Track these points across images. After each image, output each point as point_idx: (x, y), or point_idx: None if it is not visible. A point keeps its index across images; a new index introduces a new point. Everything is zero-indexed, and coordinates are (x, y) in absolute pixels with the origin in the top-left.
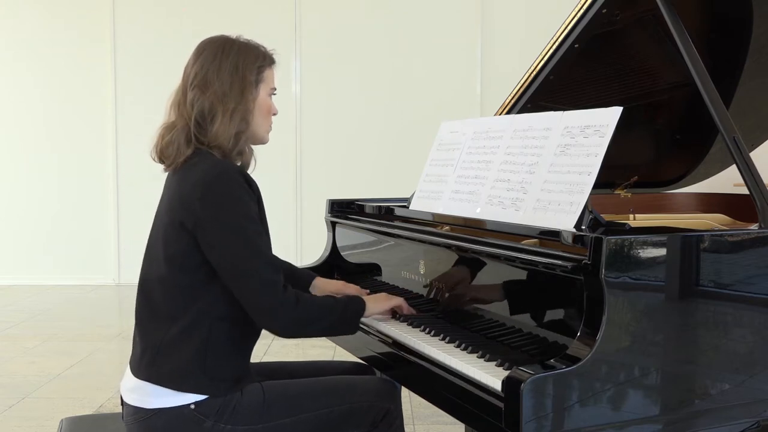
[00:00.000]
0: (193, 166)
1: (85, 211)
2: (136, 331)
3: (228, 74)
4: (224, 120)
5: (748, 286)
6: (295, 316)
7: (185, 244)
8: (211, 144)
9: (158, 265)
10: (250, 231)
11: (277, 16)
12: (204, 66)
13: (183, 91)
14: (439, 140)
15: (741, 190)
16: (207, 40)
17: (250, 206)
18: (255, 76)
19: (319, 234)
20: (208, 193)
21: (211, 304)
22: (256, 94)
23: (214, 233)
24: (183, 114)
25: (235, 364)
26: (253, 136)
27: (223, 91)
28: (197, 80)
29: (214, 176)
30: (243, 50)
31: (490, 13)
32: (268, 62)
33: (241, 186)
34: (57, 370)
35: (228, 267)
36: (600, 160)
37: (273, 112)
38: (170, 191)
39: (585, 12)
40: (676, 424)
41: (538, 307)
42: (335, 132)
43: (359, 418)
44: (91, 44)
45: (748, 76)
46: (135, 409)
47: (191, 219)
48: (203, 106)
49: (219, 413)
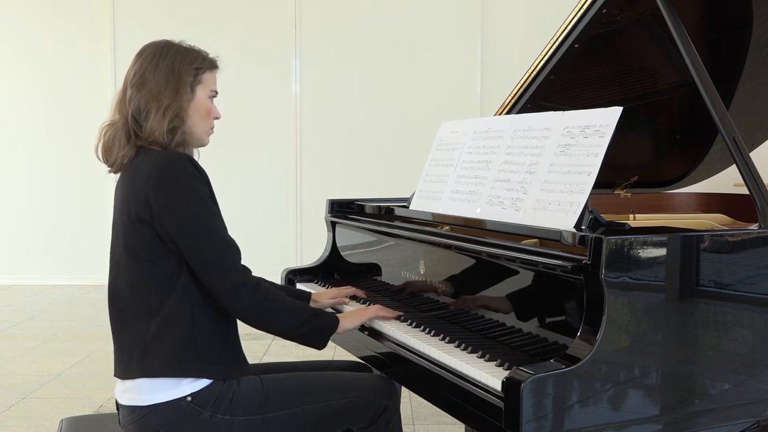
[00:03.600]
0: (140, 163)
1: (85, 211)
2: (116, 337)
3: (164, 73)
4: (157, 116)
5: (748, 286)
6: (253, 301)
7: (147, 238)
8: (148, 139)
9: (125, 267)
10: (205, 213)
11: (277, 16)
12: (142, 66)
13: (123, 90)
14: (439, 140)
15: (741, 190)
16: (148, 44)
17: (201, 189)
18: (192, 77)
19: (319, 234)
20: (159, 181)
21: (186, 291)
22: (192, 95)
23: (170, 219)
24: (122, 112)
25: (226, 347)
26: (191, 135)
27: (158, 89)
28: (135, 79)
29: (162, 165)
30: (181, 53)
31: (490, 13)
32: (208, 65)
33: (190, 172)
34: (57, 370)
35: (187, 250)
36: (600, 160)
37: (214, 115)
38: (122, 191)
39: (585, 12)
40: (676, 424)
41: (538, 307)
42: (335, 132)
43: (357, 413)
44: (91, 44)
45: (748, 76)
46: (131, 408)
47: (147, 210)
48: (139, 103)
49: (216, 404)
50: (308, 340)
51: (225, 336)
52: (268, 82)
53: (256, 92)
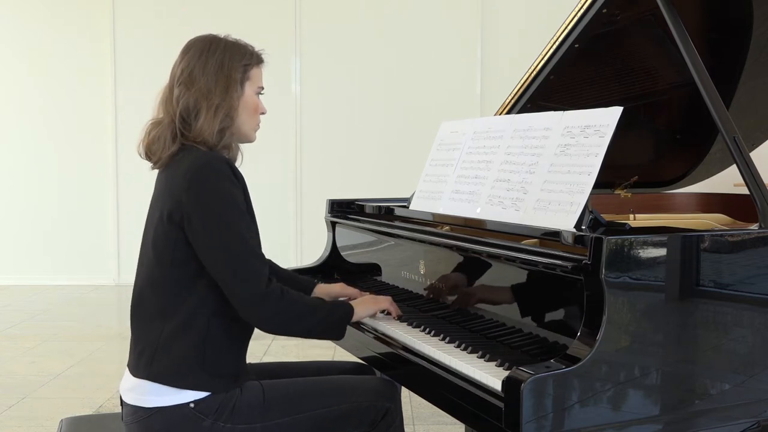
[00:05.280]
0: (181, 161)
1: (84, 211)
2: (133, 332)
3: (213, 71)
4: (208, 116)
5: (748, 286)
6: (279, 309)
7: (174, 238)
8: (196, 139)
9: (149, 264)
10: (236, 221)
11: (277, 15)
12: (190, 63)
13: (170, 88)
14: (439, 140)
15: (741, 190)
16: (194, 39)
17: (236, 196)
18: (241, 74)
19: (319, 234)
20: (194, 183)
21: (203, 300)
22: (242, 92)
23: (199, 223)
24: (169, 110)
25: (233, 360)
26: (238, 133)
27: (208, 87)
28: (183, 77)
29: (199, 166)
30: (229, 48)
31: (490, 13)
32: (255, 61)
33: (227, 176)
34: (57, 370)
35: (213, 257)
36: (600, 160)
37: (261, 111)
38: (160, 187)
39: (585, 12)
40: (676, 424)
41: (539, 307)
42: (335, 132)
43: (359, 417)
44: (91, 44)
45: (748, 76)
46: (134, 408)
47: (178, 210)
48: (188, 102)
49: (218, 412)
50: (329, 333)
51: (234, 348)
52: (268, 83)
53: None
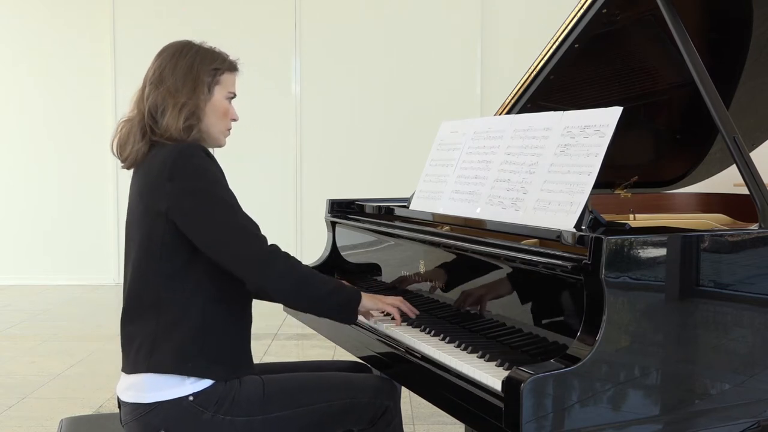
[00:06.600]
0: (155, 156)
1: (84, 211)
2: (126, 334)
3: (182, 72)
4: (174, 112)
5: (748, 286)
6: (287, 268)
7: (161, 230)
8: (164, 135)
9: (137, 262)
10: (223, 193)
11: (277, 15)
12: (162, 64)
13: (142, 87)
14: (439, 140)
15: (741, 190)
16: (170, 43)
17: (218, 174)
18: (210, 78)
19: (319, 234)
20: (176, 170)
21: (198, 286)
22: (210, 95)
23: (189, 204)
24: (140, 108)
25: (233, 347)
26: (207, 135)
27: (176, 86)
28: (154, 77)
29: (176, 154)
30: (201, 53)
31: (490, 13)
32: (227, 66)
33: (204, 158)
34: (57, 370)
35: (212, 235)
36: (600, 160)
37: (231, 116)
38: (137, 185)
39: (585, 12)
40: (676, 424)
41: (538, 307)
42: (335, 132)
43: (358, 414)
44: (91, 44)
45: (748, 76)
46: (133, 406)
47: (163, 201)
48: (156, 100)
49: (218, 405)
50: (340, 312)
51: (235, 334)
52: (268, 83)
53: (256, 92)
